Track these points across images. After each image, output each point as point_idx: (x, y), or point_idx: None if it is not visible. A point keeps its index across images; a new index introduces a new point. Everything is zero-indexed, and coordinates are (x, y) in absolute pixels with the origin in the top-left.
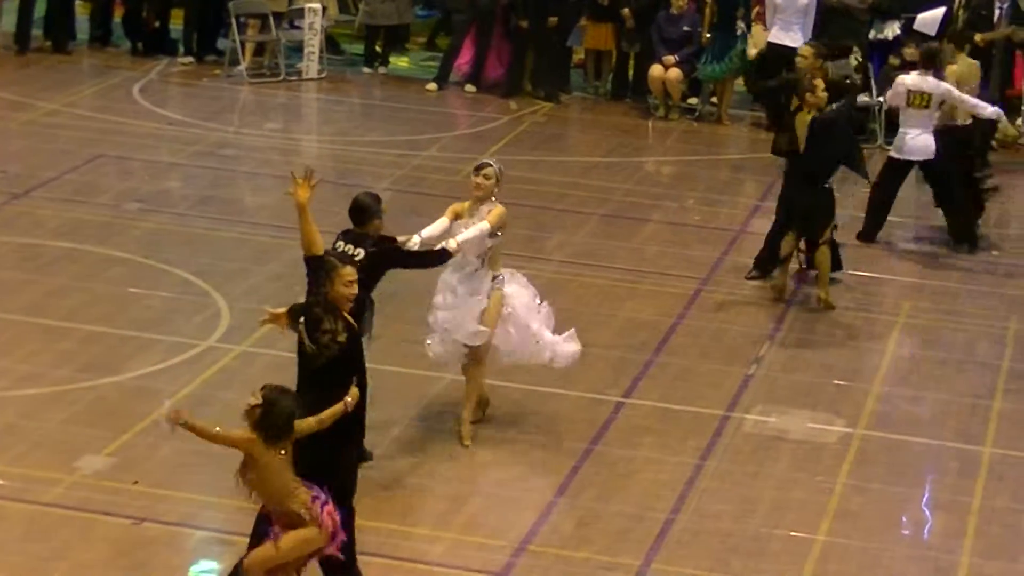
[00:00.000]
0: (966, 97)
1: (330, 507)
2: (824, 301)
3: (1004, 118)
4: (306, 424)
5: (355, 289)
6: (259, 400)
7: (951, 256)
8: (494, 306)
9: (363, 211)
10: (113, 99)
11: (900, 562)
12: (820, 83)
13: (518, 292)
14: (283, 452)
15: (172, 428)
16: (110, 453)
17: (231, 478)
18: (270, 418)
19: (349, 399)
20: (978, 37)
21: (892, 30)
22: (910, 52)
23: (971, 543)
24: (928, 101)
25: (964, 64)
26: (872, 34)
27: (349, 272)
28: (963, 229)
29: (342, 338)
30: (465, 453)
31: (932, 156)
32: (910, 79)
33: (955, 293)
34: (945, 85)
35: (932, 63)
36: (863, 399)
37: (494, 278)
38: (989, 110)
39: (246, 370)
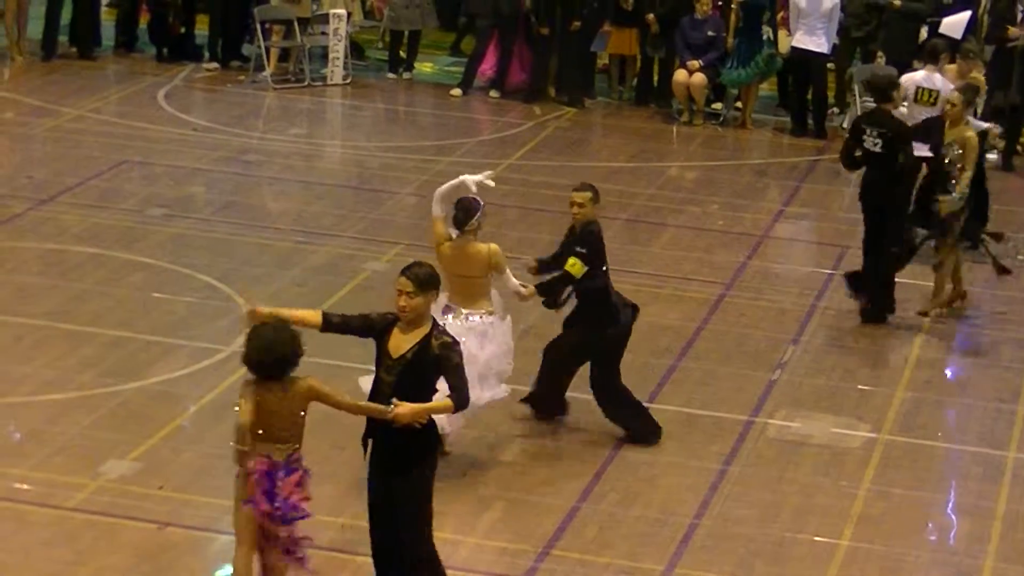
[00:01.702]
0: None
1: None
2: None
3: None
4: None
5: (401, 300)
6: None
7: (975, 259)
8: None
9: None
10: (138, 105)
11: (923, 567)
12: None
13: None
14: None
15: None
16: (134, 458)
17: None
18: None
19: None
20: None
21: (922, 34)
22: None
23: (995, 548)
24: (935, 99)
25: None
26: None
27: (400, 282)
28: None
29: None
30: (488, 458)
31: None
32: (919, 75)
33: (979, 297)
34: (949, 85)
35: (935, 59)
36: (886, 404)
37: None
38: (984, 125)
39: None
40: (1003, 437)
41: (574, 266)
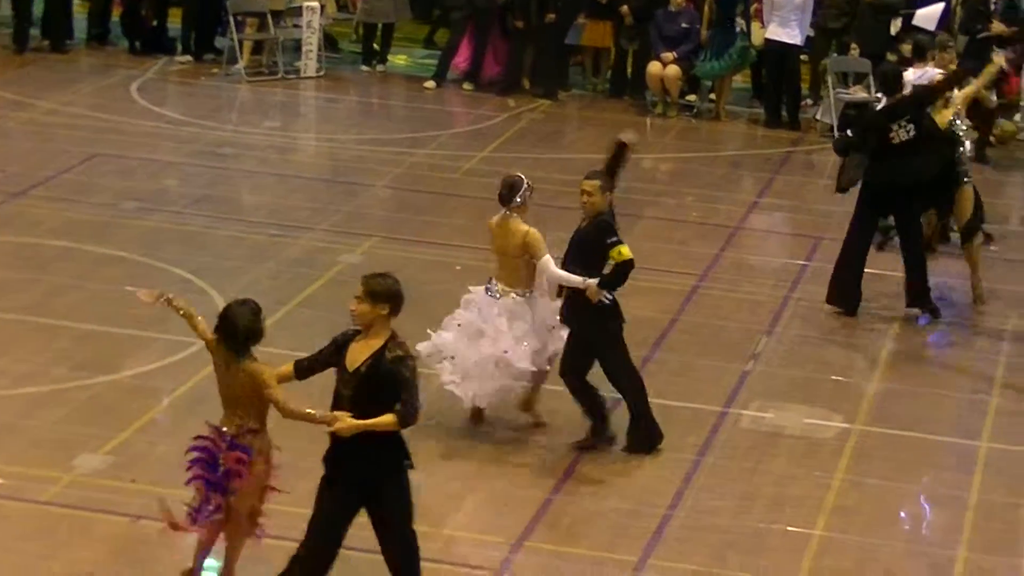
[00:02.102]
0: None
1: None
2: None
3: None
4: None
5: (352, 304)
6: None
7: (949, 252)
8: None
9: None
10: (111, 98)
11: (897, 557)
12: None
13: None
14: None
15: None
16: (108, 452)
17: None
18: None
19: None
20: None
21: (895, 26)
22: (908, 49)
23: (968, 538)
24: None
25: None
26: None
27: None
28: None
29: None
30: (462, 450)
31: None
32: (910, 74)
33: (953, 288)
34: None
35: (923, 55)
36: (860, 395)
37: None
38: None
39: None
40: (976, 427)
41: (622, 253)
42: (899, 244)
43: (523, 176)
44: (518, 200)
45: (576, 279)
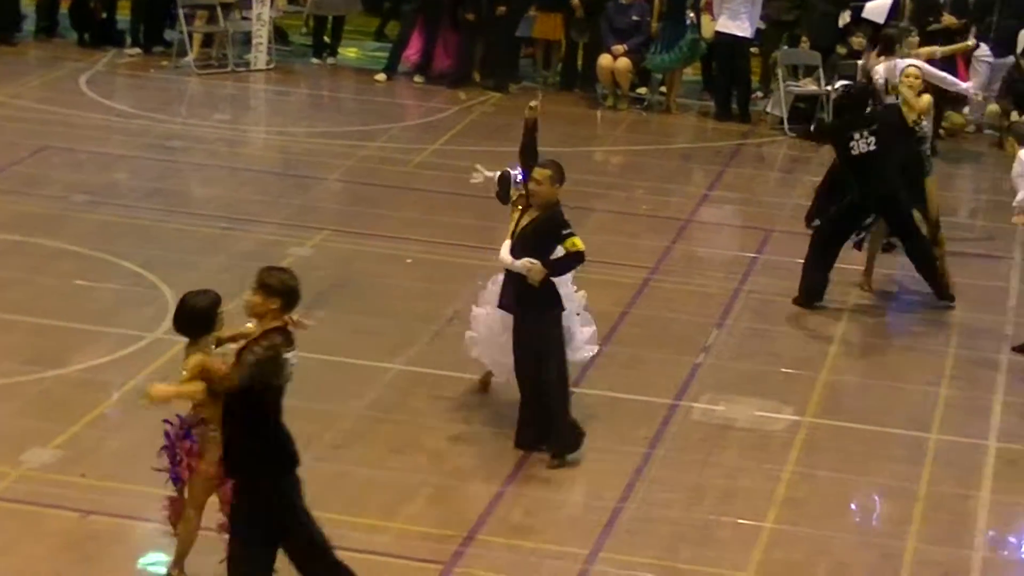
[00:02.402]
0: (940, 73)
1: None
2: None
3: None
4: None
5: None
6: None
7: (899, 245)
8: None
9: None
10: (60, 91)
11: (847, 548)
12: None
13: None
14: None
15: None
16: (57, 446)
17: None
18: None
19: None
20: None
21: (843, 18)
22: (858, 41)
23: (917, 529)
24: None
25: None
26: None
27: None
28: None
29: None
30: (412, 444)
31: None
32: (882, 68)
33: (902, 281)
34: (928, 67)
35: (891, 49)
36: (811, 387)
37: None
38: (962, 85)
39: None
40: (926, 419)
41: (576, 244)
42: (904, 248)
43: (510, 170)
44: (514, 193)
45: (519, 263)
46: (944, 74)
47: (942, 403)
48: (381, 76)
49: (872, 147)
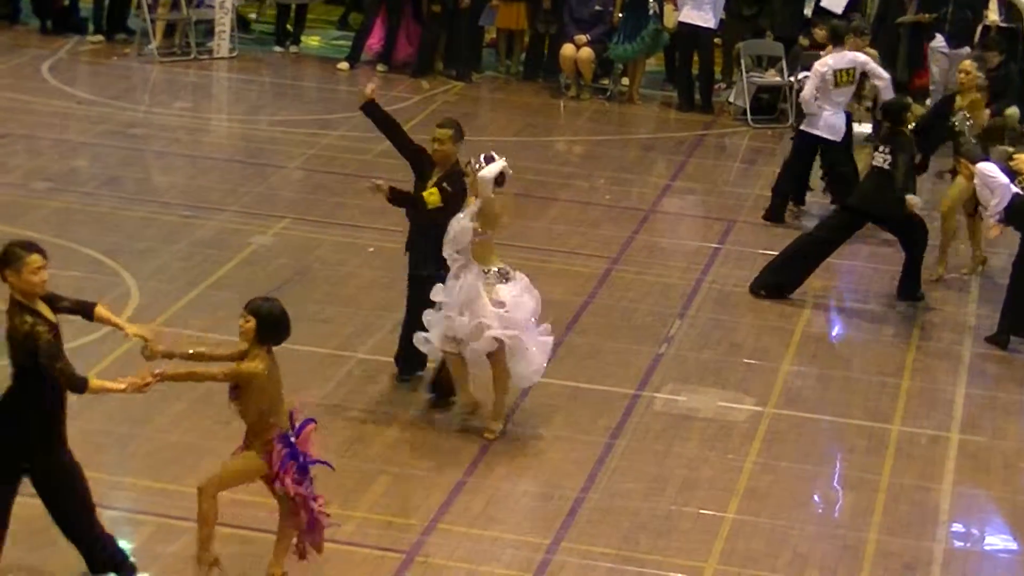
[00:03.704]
0: (883, 72)
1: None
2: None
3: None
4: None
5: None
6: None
7: (860, 237)
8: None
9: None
10: (21, 77)
11: (808, 539)
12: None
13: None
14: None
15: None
16: None
17: (140, 458)
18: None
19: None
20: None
21: (808, 7)
22: (820, 33)
23: (878, 520)
24: (852, 75)
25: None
26: None
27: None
28: None
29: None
30: (373, 433)
31: (840, 138)
32: (831, 60)
33: (863, 273)
34: (863, 56)
35: (840, 40)
36: (772, 378)
37: (485, 272)
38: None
39: None
40: (887, 411)
41: (432, 195)
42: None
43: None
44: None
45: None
46: (869, 61)
47: (904, 395)
48: (344, 65)
49: (887, 165)
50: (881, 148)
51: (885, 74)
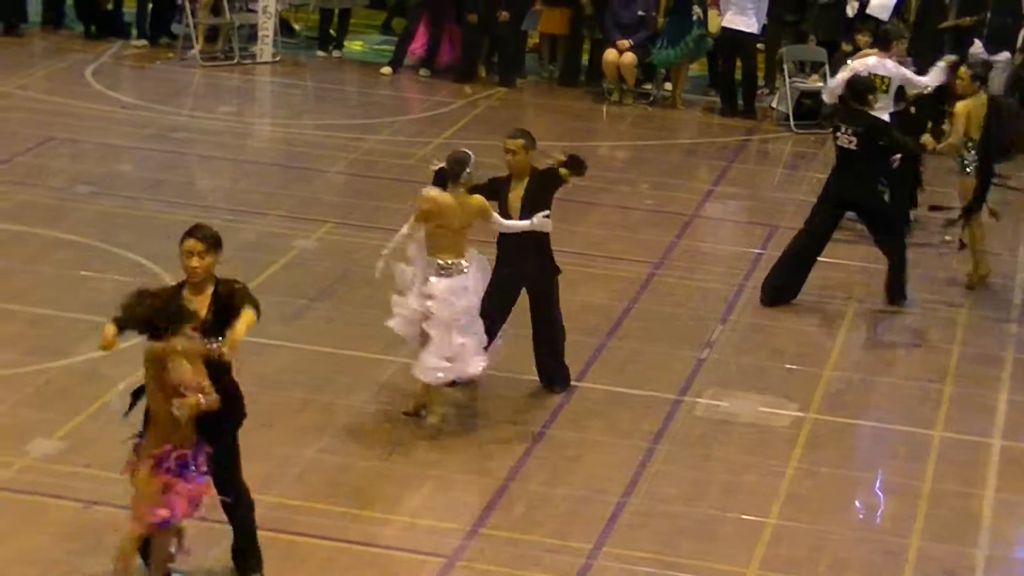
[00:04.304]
0: (923, 79)
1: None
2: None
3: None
4: None
5: (193, 261)
6: None
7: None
8: None
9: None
10: (65, 82)
11: (849, 545)
12: None
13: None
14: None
15: None
16: (60, 437)
17: None
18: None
19: None
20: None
21: (851, 8)
22: (863, 39)
23: (920, 526)
24: (887, 85)
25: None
26: None
27: (189, 244)
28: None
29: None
30: (415, 437)
31: None
32: (872, 61)
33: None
34: (903, 70)
35: (887, 45)
36: (814, 383)
37: (437, 264)
38: (923, 81)
39: None
40: (929, 416)
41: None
42: (875, 241)
43: (469, 151)
44: (467, 173)
45: (524, 223)
46: (906, 72)
47: (946, 400)
48: (386, 69)
49: (853, 147)
50: (844, 128)
51: (923, 80)
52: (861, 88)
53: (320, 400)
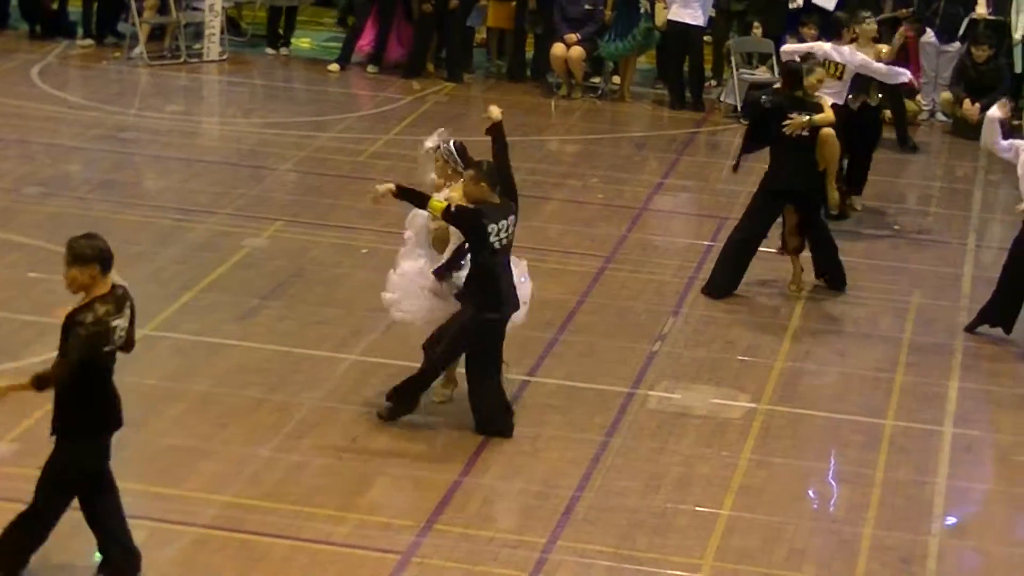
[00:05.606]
0: (881, 65)
1: None
2: None
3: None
4: None
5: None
6: None
7: (854, 231)
8: None
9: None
10: (11, 82)
11: (804, 535)
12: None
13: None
14: None
15: None
16: (12, 439)
17: (136, 462)
18: None
19: None
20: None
21: (794, 2)
22: (809, 32)
23: (874, 515)
24: (841, 72)
25: None
26: None
27: None
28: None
29: None
30: (368, 434)
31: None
32: (828, 45)
33: (857, 267)
34: (861, 56)
35: (838, 33)
36: (766, 374)
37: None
38: (903, 76)
39: (147, 354)
40: (881, 406)
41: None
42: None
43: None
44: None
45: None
46: (881, 65)
47: (897, 389)
48: (334, 66)
49: (804, 133)
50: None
51: (882, 67)
52: (794, 72)
53: (274, 399)
